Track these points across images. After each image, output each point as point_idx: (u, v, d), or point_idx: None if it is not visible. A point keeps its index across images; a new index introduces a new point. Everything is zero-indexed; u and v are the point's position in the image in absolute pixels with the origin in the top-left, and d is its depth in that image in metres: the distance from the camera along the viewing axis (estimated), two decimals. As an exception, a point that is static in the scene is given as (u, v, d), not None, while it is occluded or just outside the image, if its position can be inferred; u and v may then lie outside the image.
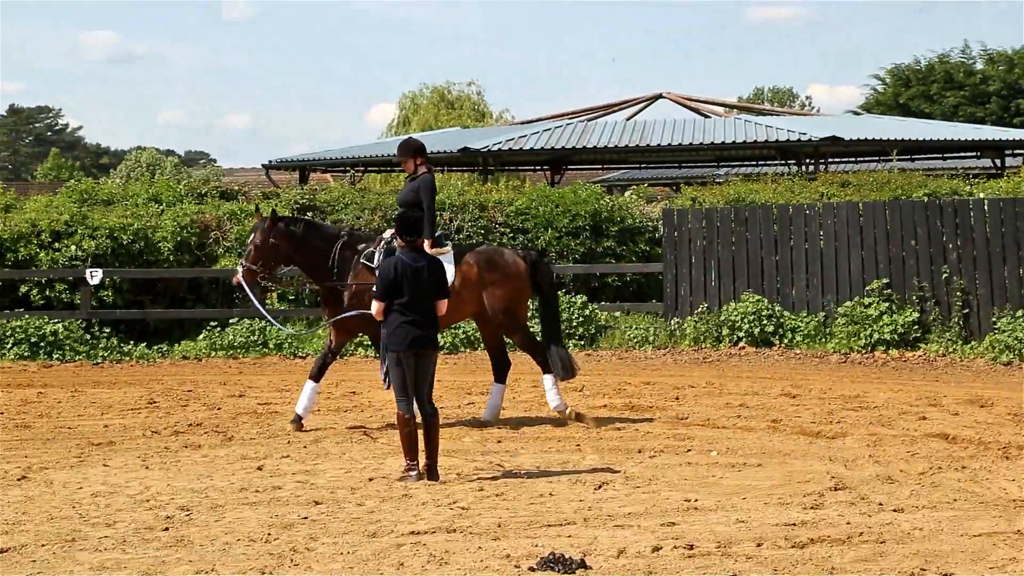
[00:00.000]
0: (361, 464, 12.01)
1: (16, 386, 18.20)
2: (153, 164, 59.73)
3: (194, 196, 25.19)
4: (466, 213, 23.14)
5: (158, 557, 8.54)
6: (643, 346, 21.55)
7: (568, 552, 8.22)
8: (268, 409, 15.61)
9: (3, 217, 22.92)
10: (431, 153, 35.41)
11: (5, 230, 22.15)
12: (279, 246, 14.38)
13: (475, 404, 15.87)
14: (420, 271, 11.27)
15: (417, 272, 11.24)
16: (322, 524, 9.49)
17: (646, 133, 36.34)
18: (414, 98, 56.95)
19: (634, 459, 12.20)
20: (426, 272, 11.30)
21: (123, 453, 12.81)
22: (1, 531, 9.37)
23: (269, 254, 14.37)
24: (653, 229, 23.48)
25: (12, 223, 22.41)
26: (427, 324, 11.28)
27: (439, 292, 11.41)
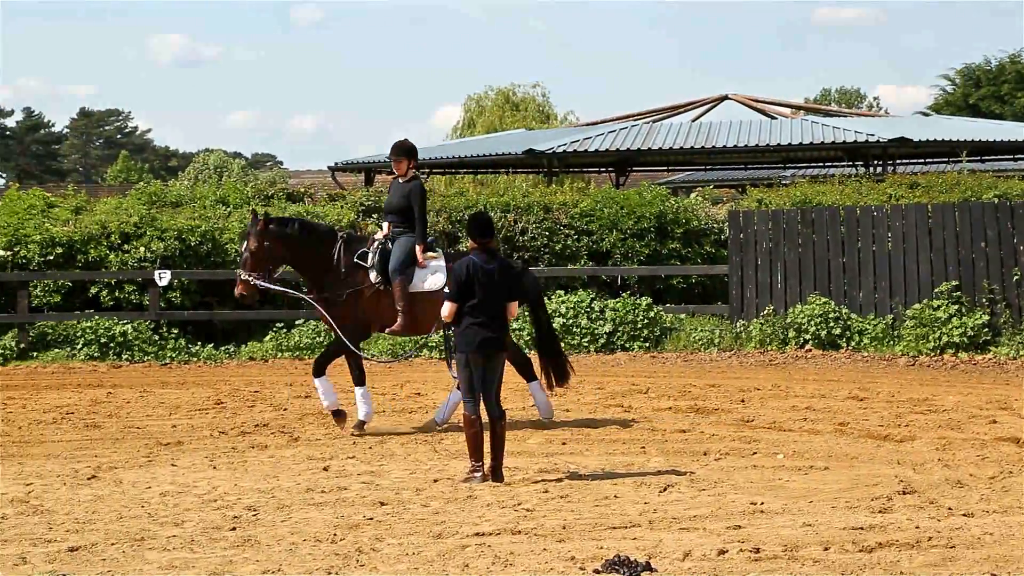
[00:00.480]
0: (426, 465, 12.04)
1: (86, 386, 18.41)
2: (221, 166, 60.23)
3: (261, 198, 25.36)
4: (530, 215, 23.13)
5: (225, 556, 8.60)
6: (708, 348, 21.45)
7: (633, 555, 8.20)
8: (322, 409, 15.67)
9: (74, 219, 23.19)
10: (496, 155, 35.86)
11: (76, 232, 22.40)
12: (274, 249, 14.18)
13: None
14: (492, 273, 11.27)
15: (489, 274, 11.24)
16: (387, 525, 9.52)
17: (712, 134, 36.17)
18: (479, 100, 56.99)
19: (700, 461, 12.14)
20: (497, 274, 11.29)
21: (191, 453, 12.92)
22: (72, 530, 9.48)
23: (265, 259, 14.17)
24: (719, 231, 23.37)
25: (83, 225, 22.67)
26: (496, 326, 11.28)
27: (510, 294, 11.41)
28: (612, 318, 21.63)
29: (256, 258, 14.08)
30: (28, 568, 8.35)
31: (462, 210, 22.85)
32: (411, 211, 14.38)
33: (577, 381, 17.96)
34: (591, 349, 21.38)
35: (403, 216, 14.49)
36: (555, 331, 15.56)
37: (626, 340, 21.55)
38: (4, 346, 21.07)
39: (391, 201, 14.66)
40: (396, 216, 14.58)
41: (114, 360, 20.89)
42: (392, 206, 14.61)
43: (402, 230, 14.48)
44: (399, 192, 14.53)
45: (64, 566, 8.38)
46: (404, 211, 14.41)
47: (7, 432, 14.43)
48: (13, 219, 22.78)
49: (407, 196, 14.39)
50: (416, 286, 14.31)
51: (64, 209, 24.06)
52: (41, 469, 12.07)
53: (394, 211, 14.58)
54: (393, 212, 14.62)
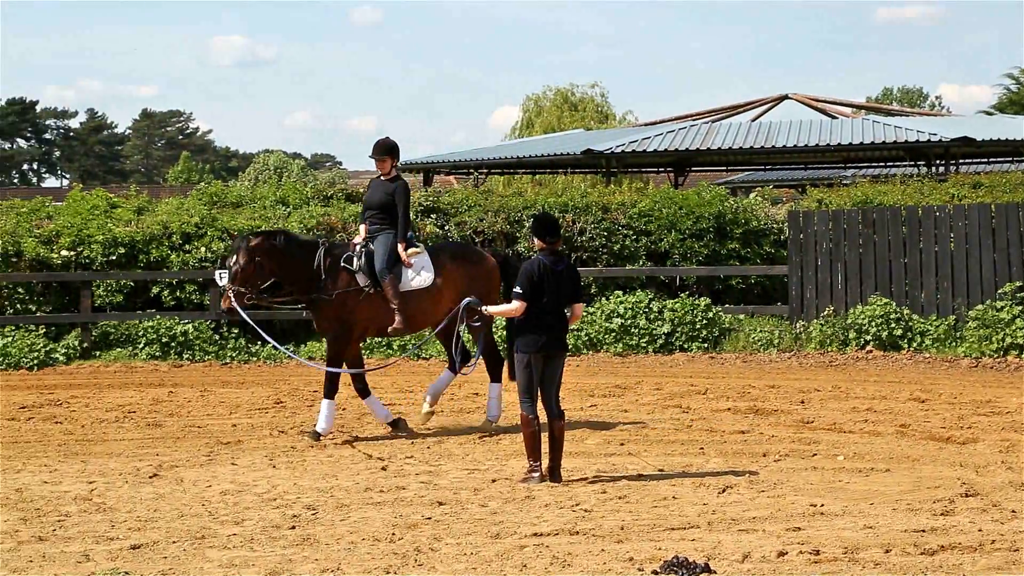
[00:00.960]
0: (484, 465, 12.06)
1: (148, 385, 18.58)
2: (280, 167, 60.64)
3: (320, 198, 25.45)
4: (589, 215, 23.10)
5: (285, 555, 8.65)
6: (768, 349, 21.34)
7: (692, 556, 8.17)
8: (392, 410, 15.71)
9: (136, 219, 23.40)
10: (555, 155, 35.85)
11: (138, 232, 22.60)
12: (264, 263, 13.84)
13: (597, 406, 15.84)
14: (560, 274, 11.29)
15: (557, 275, 11.26)
16: (446, 525, 9.54)
17: (771, 134, 35.97)
18: (537, 100, 57.02)
19: (759, 463, 12.08)
20: (564, 275, 11.31)
21: (251, 452, 13.01)
22: (134, 528, 9.57)
23: (255, 273, 13.85)
24: (778, 231, 23.23)
25: (144, 225, 22.87)
26: (559, 327, 11.31)
27: (574, 296, 11.42)
28: (671, 319, 21.56)
29: (246, 273, 13.78)
30: (91, 565, 8.44)
31: (520, 210, 22.86)
32: (393, 208, 14.25)
33: (635, 382, 17.96)
34: (649, 350, 21.32)
35: (384, 213, 14.33)
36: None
37: (685, 341, 21.47)
38: (67, 345, 21.30)
39: (372, 198, 14.48)
40: (377, 213, 14.39)
41: (175, 359, 21.06)
42: (374, 203, 14.42)
43: (379, 227, 14.31)
44: (382, 190, 14.39)
45: (126, 564, 8.46)
46: (386, 208, 14.29)
47: (70, 431, 14.59)
48: (77, 219, 23.02)
49: (391, 194, 14.28)
50: (405, 284, 14.15)
51: (126, 210, 24.27)
52: (103, 467, 12.20)
53: (375, 208, 14.39)
54: (374, 209, 14.42)
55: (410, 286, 14.17)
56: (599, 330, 21.49)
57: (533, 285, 11.16)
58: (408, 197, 14.48)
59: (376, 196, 14.43)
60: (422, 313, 14.29)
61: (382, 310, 14.13)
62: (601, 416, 15.05)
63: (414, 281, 14.19)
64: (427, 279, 14.24)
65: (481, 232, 22.98)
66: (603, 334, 21.47)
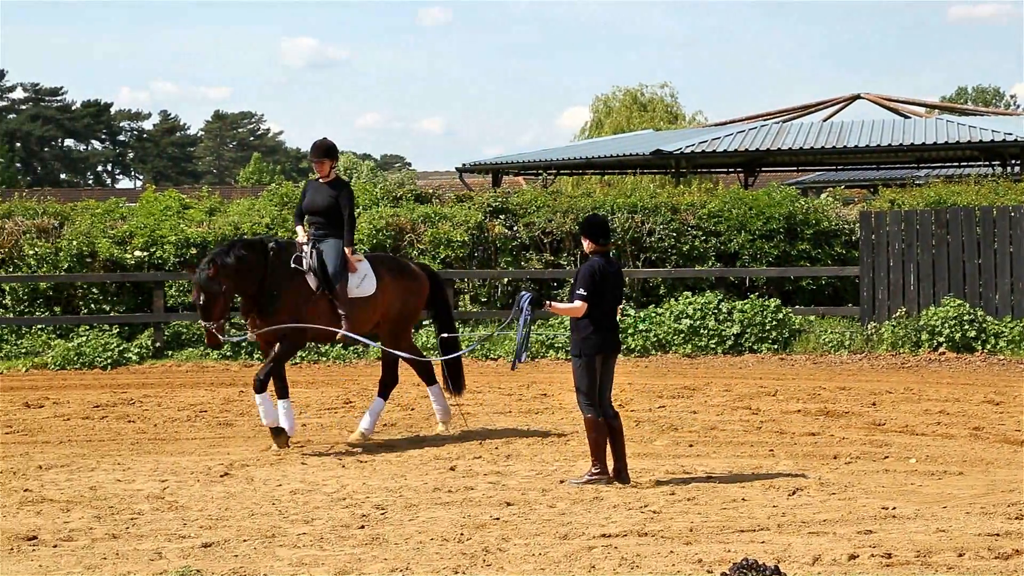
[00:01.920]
0: (552, 466, 12.05)
1: (219, 385, 18.73)
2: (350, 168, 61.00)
3: (389, 199, 25.58)
4: (658, 216, 23.03)
5: (354, 555, 8.69)
6: (839, 350, 21.16)
7: (761, 558, 8.10)
8: (460, 410, 15.75)
9: (208, 220, 23.62)
10: (624, 156, 35.77)
11: (210, 233, 22.81)
12: (226, 286, 13.00)
13: (666, 407, 15.79)
14: (616, 275, 11.34)
15: (613, 276, 11.31)
16: (514, 525, 9.54)
17: (843, 134, 35.69)
18: (606, 101, 56.92)
19: (829, 465, 11.99)
20: (617, 277, 11.37)
21: (320, 452, 13.08)
22: (205, 526, 9.66)
23: (226, 301, 13.07)
24: (850, 232, 23.04)
25: (216, 226, 23.08)
26: (615, 327, 11.39)
27: (620, 298, 11.52)
28: (740, 320, 21.44)
29: (219, 305, 12.95)
30: (163, 563, 8.52)
31: (589, 211, 22.83)
32: (336, 212, 13.74)
33: (704, 383, 17.88)
34: (718, 351, 21.22)
35: (327, 217, 13.80)
36: (459, 338, 15.06)
37: (754, 342, 21.35)
38: (140, 345, 21.54)
39: (316, 202, 13.86)
40: (320, 217, 13.84)
41: (246, 359, 21.22)
42: (317, 207, 13.84)
43: (324, 232, 13.78)
44: (323, 193, 13.86)
45: (197, 562, 8.53)
46: (329, 212, 13.76)
47: (143, 429, 14.75)
48: (149, 220, 23.28)
49: (335, 198, 13.77)
50: (350, 291, 13.70)
51: (198, 210, 24.52)
52: (175, 466, 12.31)
53: (319, 212, 13.82)
54: (318, 213, 13.85)
55: (354, 293, 13.73)
56: (668, 331, 21.42)
57: (596, 286, 11.17)
58: (354, 199, 14.13)
59: (320, 200, 13.85)
60: (362, 322, 13.83)
61: (330, 315, 13.62)
62: (670, 417, 15.00)
63: (358, 288, 13.76)
64: (370, 287, 13.83)
65: (549, 233, 22.99)
66: (672, 335, 21.40)
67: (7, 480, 11.58)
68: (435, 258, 22.70)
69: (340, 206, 13.77)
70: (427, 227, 23.26)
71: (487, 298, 23.02)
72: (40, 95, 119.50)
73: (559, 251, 22.98)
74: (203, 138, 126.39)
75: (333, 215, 13.77)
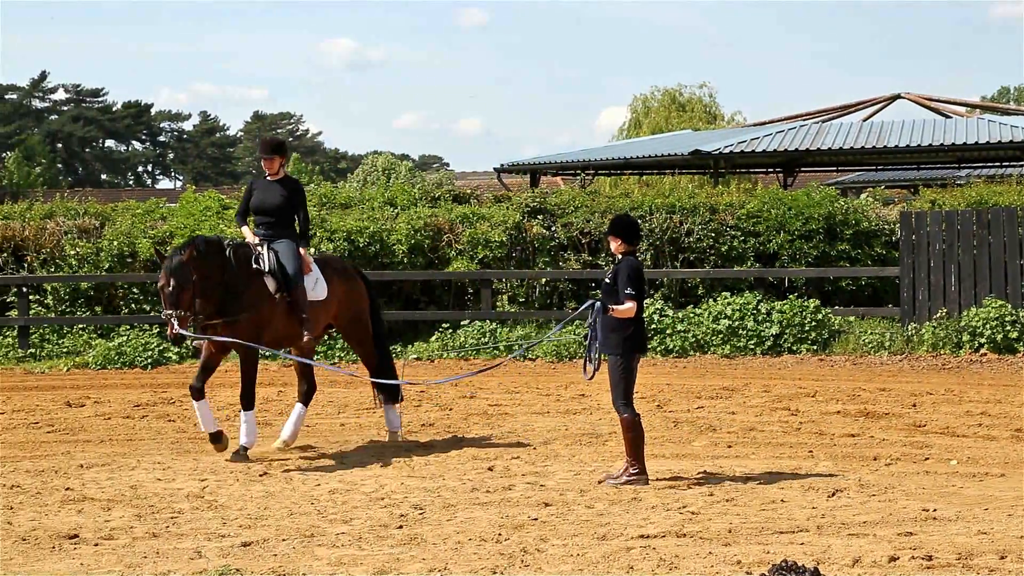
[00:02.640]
0: (590, 467, 12.04)
1: (257, 384, 18.73)
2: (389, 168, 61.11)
3: (428, 199, 25.62)
4: (696, 216, 22.97)
5: (392, 554, 8.71)
6: (878, 351, 21.05)
7: (801, 560, 8.07)
8: (498, 410, 15.77)
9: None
10: (662, 156, 35.69)
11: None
12: (196, 275, 12.39)
13: (704, 408, 15.74)
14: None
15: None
16: (552, 526, 9.54)
17: (883, 134, 35.48)
18: (645, 101, 56.86)
19: (869, 466, 11.93)
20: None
21: (359, 451, 13.11)
22: (245, 525, 9.70)
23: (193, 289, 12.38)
24: (890, 232, 22.91)
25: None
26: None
27: None
28: (779, 320, 21.36)
29: (188, 294, 12.32)
30: (203, 562, 8.56)
31: (627, 211, 22.79)
32: (288, 211, 13.17)
33: (743, 384, 17.81)
34: (757, 351, 21.14)
35: (279, 216, 13.21)
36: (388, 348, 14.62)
37: (793, 342, 21.26)
38: (184, 345, 21.61)
39: (266, 200, 13.21)
40: (270, 217, 13.23)
41: (283, 360, 21.28)
42: (268, 206, 13.20)
43: (275, 232, 13.19)
44: (274, 191, 13.23)
45: (237, 560, 8.57)
46: (281, 211, 13.16)
47: (183, 429, 14.83)
48: (189, 220, 23.38)
49: (288, 197, 13.18)
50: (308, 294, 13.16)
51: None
52: (215, 465, 12.37)
53: (270, 211, 13.20)
54: (268, 212, 13.22)
55: (310, 296, 13.19)
56: (706, 331, 21.36)
57: (642, 285, 11.19)
58: (306, 197, 13.60)
59: (271, 198, 13.22)
60: (316, 326, 13.41)
61: (290, 320, 13.09)
62: (708, 418, 14.95)
63: (312, 292, 13.21)
64: (323, 291, 13.33)
65: (587, 233, 22.97)
66: (710, 336, 21.34)
67: (49, 479, 11.67)
68: (473, 258, 22.73)
69: (293, 205, 13.24)
70: (465, 227, 23.28)
71: (524, 298, 23.02)
72: (81, 96, 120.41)
73: (597, 251, 22.95)
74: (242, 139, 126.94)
75: (285, 215, 13.21)
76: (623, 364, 11.16)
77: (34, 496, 10.91)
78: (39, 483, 11.47)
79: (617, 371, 11.19)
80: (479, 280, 22.47)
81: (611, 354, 11.24)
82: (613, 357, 11.22)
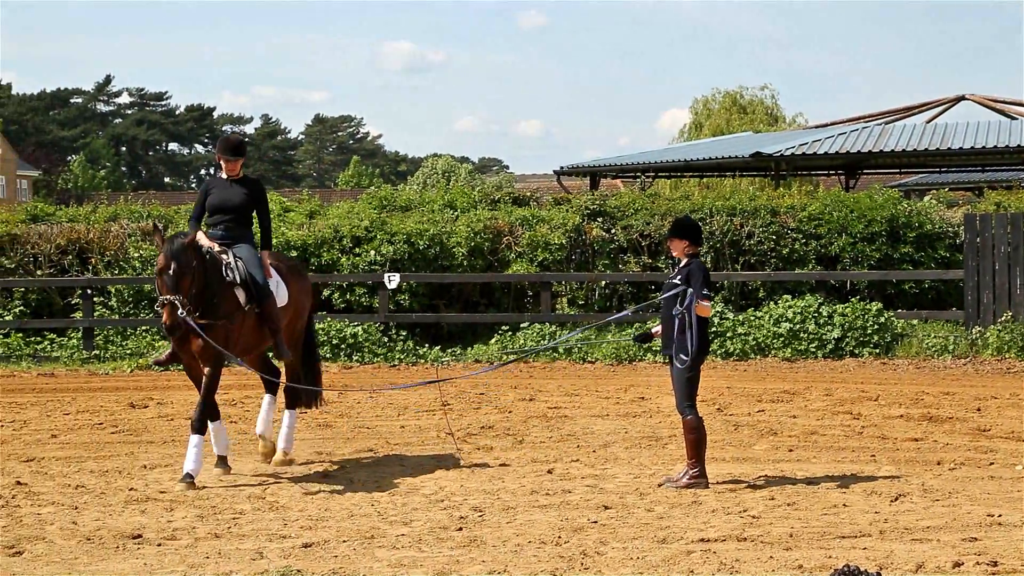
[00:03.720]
0: (650, 470, 12.00)
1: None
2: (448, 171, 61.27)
3: (487, 202, 25.66)
4: (757, 219, 22.86)
5: (452, 556, 8.72)
6: (942, 355, 20.86)
7: (863, 565, 8.01)
8: (558, 413, 15.75)
9: (308, 223, 23.85)
10: (723, 158, 35.56)
11: (310, 235, 23.03)
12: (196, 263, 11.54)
13: (765, 411, 15.65)
14: None
15: None
16: (611, 529, 9.52)
17: (947, 136, 35.17)
18: (706, 103, 56.71)
19: (932, 471, 11.81)
20: None
21: (418, 453, 13.14)
22: (306, 526, 9.75)
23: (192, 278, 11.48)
24: (954, 235, 22.70)
25: (316, 229, 23.30)
26: None
27: None
28: (841, 323, 21.21)
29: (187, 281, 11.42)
30: (264, 563, 8.61)
31: (688, 213, 22.70)
32: (248, 211, 12.31)
33: (804, 387, 17.70)
34: (819, 355, 21.01)
35: (239, 216, 12.28)
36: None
37: (855, 346, 21.10)
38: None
39: (228, 200, 12.24)
40: (230, 216, 12.24)
41: (345, 361, 21.39)
42: (229, 205, 12.24)
43: (232, 235, 12.18)
44: (234, 191, 12.28)
45: (298, 561, 8.62)
46: (242, 211, 12.26)
47: (244, 430, 14.91)
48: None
49: (249, 196, 12.31)
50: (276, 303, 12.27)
51: (299, 213, 24.77)
52: (276, 467, 12.42)
53: (231, 211, 12.23)
54: (228, 211, 12.24)
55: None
56: (767, 334, 21.25)
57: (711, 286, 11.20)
58: (267, 199, 12.84)
59: (233, 198, 12.26)
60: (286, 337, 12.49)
61: (258, 332, 12.20)
62: (769, 422, 14.87)
63: (276, 297, 12.28)
64: (284, 294, 12.48)
65: (647, 236, 22.92)
66: (771, 339, 21.23)
67: (113, 479, 11.79)
68: (532, 260, 22.74)
69: (255, 205, 12.41)
70: (525, 230, 23.30)
71: (584, 301, 22.99)
72: (145, 100, 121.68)
73: (657, 254, 22.89)
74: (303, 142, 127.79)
75: (245, 215, 12.36)
76: (690, 366, 11.12)
77: (98, 496, 11.02)
78: (103, 483, 11.59)
79: (684, 373, 11.14)
80: (538, 283, 22.48)
81: (680, 356, 11.15)
82: (682, 359, 11.12)
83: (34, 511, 10.38)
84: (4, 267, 23.11)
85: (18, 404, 17.02)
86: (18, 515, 10.22)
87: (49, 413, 16.24)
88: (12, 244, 23.24)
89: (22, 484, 11.51)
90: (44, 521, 10.00)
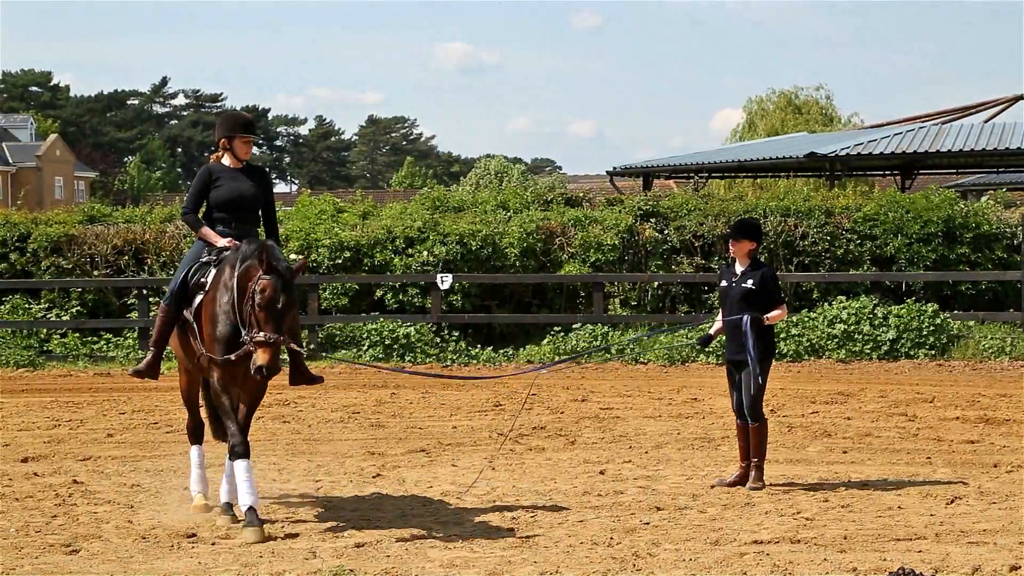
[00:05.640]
0: (703, 471, 11.95)
1: (371, 387, 18.95)
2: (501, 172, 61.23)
3: (540, 203, 25.65)
4: (812, 219, 22.73)
5: (504, 557, 8.72)
6: (999, 357, 20.66)
7: (919, 568, 7.95)
8: (610, 414, 15.73)
9: (361, 224, 23.93)
10: (777, 159, 35.37)
11: (363, 236, 23.11)
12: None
13: (819, 413, 15.56)
14: None
15: None
16: (664, 530, 9.49)
17: (1005, 136, 34.84)
18: (760, 103, 56.40)
19: (989, 473, 11.70)
20: None
21: (470, 454, 13.15)
22: (358, 526, 9.77)
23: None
24: (1011, 235, 22.49)
25: (369, 229, 23.37)
26: None
27: None
28: (896, 324, 21.06)
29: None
30: (316, 562, 8.64)
31: (741, 214, 22.61)
32: (259, 205, 10.52)
33: (859, 388, 17.58)
34: (873, 356, 20.86)
35: (253, 214, 10.53)
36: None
37: (911, 347, 20.94)
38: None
39: (242, 192, 10.32)
40: (245, 212, 10.41)
41: (397, 361, 21.44)
42: (245, 197, 10.34)
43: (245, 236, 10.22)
44: (245, 182, 10.36)
45: (351, 561, 8.64)
46: (255, 206, 10.48)
47: (297, 430, 14.98)
48: (305, 224, 23.66)
49: (260, 188, 10.46)
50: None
51: (352, 214, 24.86)
52: (329, 466, 12.47)
53: (247, 206, 10.39)
54: (243, 207, 10.37)
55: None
56: (821, 336, 21.12)
57: None
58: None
59: (247, 190, 10.34)
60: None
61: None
62: (823, 423, 14.78)
63: None
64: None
65: (700, 236, 22.84)
66: (825, 340, 21.10)
67: (168, 478, 11.87)
68: (585, 261, 22.71)
69: (265, 198, 10.54)
70: (577, 230, 23.27)
71: (637, 302, 22.94)
72: (200, 101, 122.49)
73: (710, 255, 22.81)
74: (357, 143, 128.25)
75: (257, 210, 10.53)
76: (764, 369, 11.17)
77: (153, 495, 11.11)
78: (158, 482, 11.67)
79: (759, 377, 11.14)
80: (591, 283, 22.45)
81: (756, 360, 11.10)
82: (757, 363, 11.07)
83: (90, 510, 10.48)
84: (61, 267, 23.32)
85: (75, 403, 17.18)
86: (74, 513, 10.32)
87: (105, 412, 16.39)
88: (69, 245, 23.45)
89: (79, 483, 11.62)
90: (100, 520, 10.09)
